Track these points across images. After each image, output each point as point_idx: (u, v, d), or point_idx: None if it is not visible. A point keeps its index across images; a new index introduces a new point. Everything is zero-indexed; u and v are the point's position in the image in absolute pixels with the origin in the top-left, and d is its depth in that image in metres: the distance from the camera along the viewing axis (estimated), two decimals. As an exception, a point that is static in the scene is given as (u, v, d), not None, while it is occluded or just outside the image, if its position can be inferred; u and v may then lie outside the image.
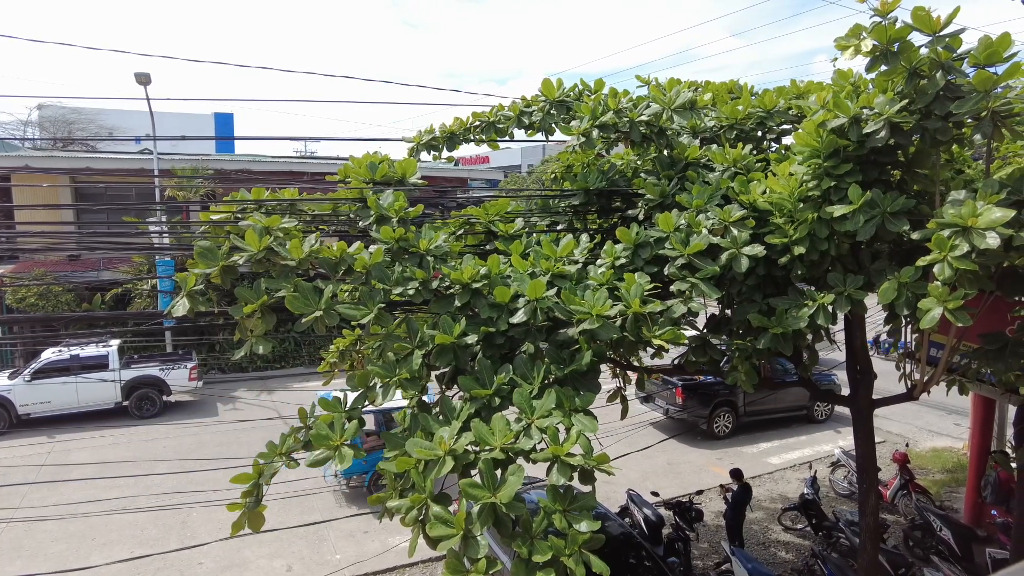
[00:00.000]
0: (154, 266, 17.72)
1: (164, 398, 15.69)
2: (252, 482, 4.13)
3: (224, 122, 42.49)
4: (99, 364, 14.91)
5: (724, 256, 4.56)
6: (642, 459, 11.38)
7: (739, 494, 8.82)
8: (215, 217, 4.66)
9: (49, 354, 14.96)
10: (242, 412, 15.16)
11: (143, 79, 17.52)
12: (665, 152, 5.99)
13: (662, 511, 8.81)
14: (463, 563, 3.30)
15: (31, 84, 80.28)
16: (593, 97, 5.81)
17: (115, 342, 15.52)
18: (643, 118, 5.51)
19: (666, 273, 4.59)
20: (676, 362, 5.95)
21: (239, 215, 4.68)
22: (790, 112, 6.26)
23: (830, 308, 4.44)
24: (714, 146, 5.96)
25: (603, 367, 4.86)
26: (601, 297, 3.98)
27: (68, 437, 14.03)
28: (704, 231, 4.65)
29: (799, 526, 9.77)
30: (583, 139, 5.26)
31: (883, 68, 4.24)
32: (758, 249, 4.53)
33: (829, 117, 4.58)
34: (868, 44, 4.24)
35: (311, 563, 8.72)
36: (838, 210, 4.33)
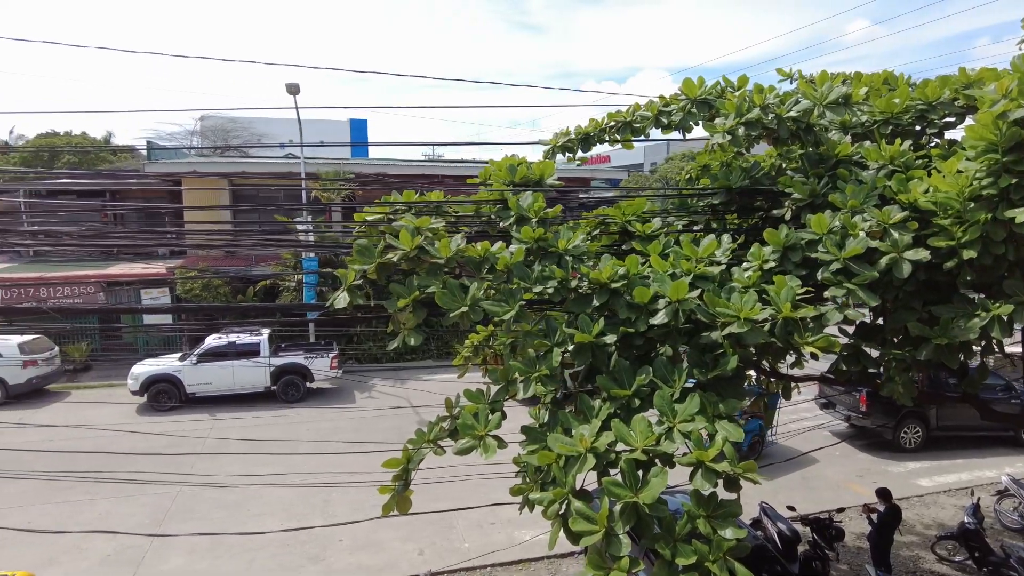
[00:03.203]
0: (300, 262, 19.20)
1: (307, 384, 16.99)
2: (401, 467, 4.39)
3: (358, 127, 45.05)
4: (252, 351, 16.42)
5: (883, 260, 4.26)
6: (774, 471, 10.87)
7: (886, 516, 8.18)
8: (370, 218, 4.99)
9: (211, 340, 16.66)
10: (376, 400, 16.07)
11: (293, 89, 18.98)
12: (812, 149, 5.69)
13: (798, 527, 8.36)
14: (605, 560, 3.33)
15: (195, 97, 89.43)
16: (737, 94, 5.62)
17: (266, 331, 16.99)
18: (792, 114, 5.27)
19: (819, 278, 4.37)
20: (825, 373, 5.63)
21: (391, 216, 4.99)
22: (956, 103, 5.72)
23: (1006, 319, 4.04)
24: (867, 142, 5.58)
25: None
26: (750, 300, 3.86)
27: (226, 415, 15.55)
28: (861, 234, 4.38)
29: (957, 558, 8.89)
30: (728, 137, 5.11)
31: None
32: (923, 254, 4.20)
33: (1011, 107, 4.15)
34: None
35: (441, 549, 9.11)
36: (1020, 214, 3.91)
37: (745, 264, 4.62)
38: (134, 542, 9.09)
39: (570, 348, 4.24)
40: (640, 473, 3.53)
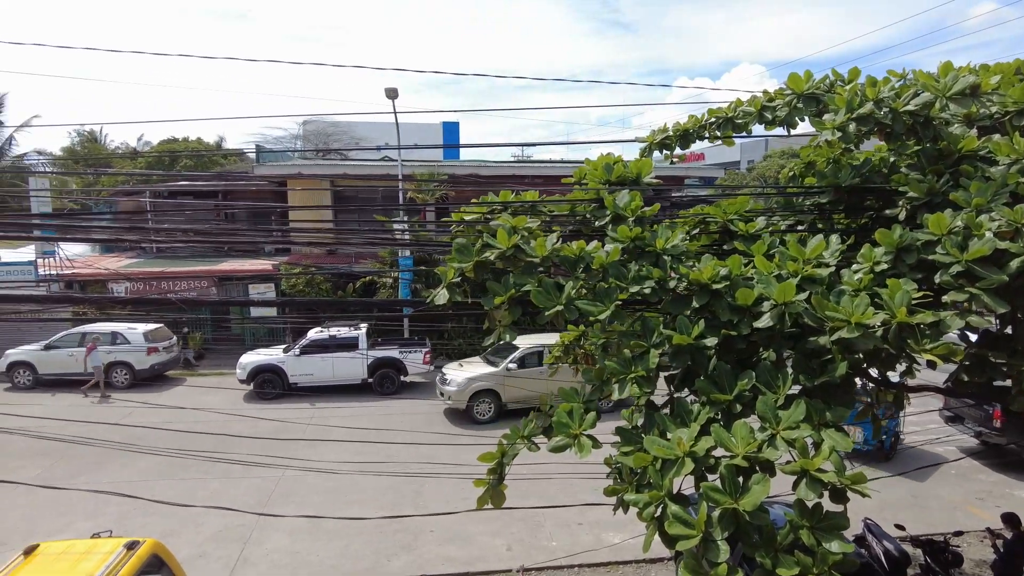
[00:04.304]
0: (396, 260, 19.88)
1: (402, 378, 17.60)
2: (496, 461, 4.47)
3: (450, 130, 46.05)
4: (351, 344, 17.20)
5: (1014, 263, 3.93)
6: (880, 485, 10.23)
7: (1014, 544, 7.52)
8: (468, 217, 5.11)
9: (313, 333, 17.58)
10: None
11: (391, 93, 19.66)
12: (930, 144, 5.32)
13: (908, 548, 7.84)
14: (702, 565, 3.27)
15: (299, 102, 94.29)
16: (848, 88, 5.34)
17: (364, 326, 17.73)
18: (909, 108, 4.95)
19: (937, 281, 4.09)
20: (947, 383, 5.26)
21: (488, 215, 5.09)
22: None
23: None
24: (996, 136, 5.16)
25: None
26: (862, 304, 3.66)
27: (325, 405, 16.35)
28: (988, 234, 4.05)
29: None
30: (838, 133, 4.87)
31: None
32: (1062, 256, 3.84)
33: None
34: None
35: (529, 546, 9.20)
36: None
37: (855, 266, 4.39)
38: (242, 520, 9.72)
39: (667, 350, 4.18)
40: (740, 480, 3.44)
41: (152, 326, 19.07)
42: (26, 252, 23.00)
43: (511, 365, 15.36)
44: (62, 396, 17.38)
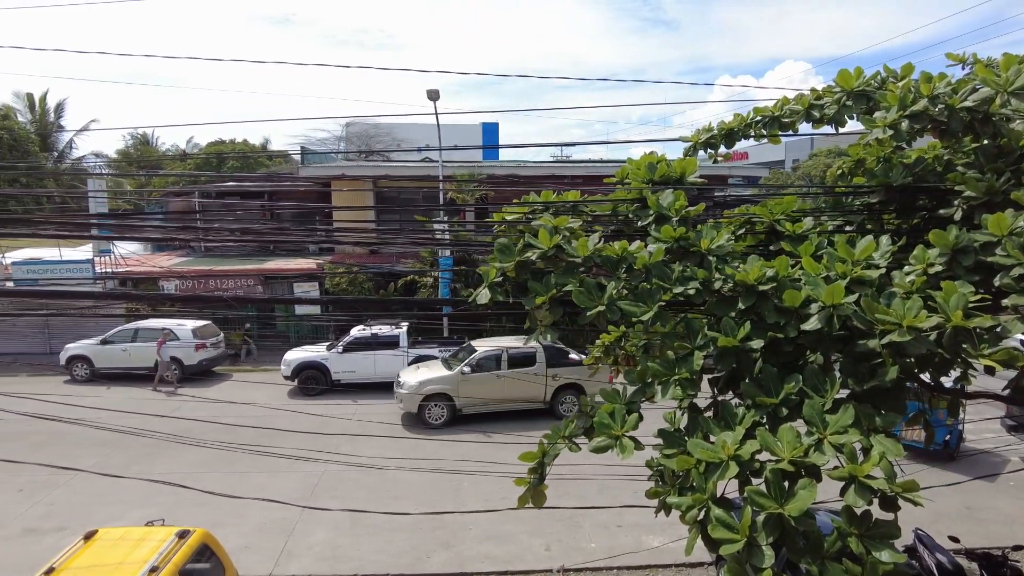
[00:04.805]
0: (436, 260, 20.07)
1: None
2: (536, 460, 4.48)
3: (490, 131, 46.23)
4: (392, 342, 17.46)
5: (1082, 265, 3.76)
6: (934, 495, 9.89)
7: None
8: (509, 217, 5.14)
9: (356, 331, 17.89)
10: (503, 396, 16.46)
11: (433, 95, 19.85)
12: (989, 142, 5.12)
13: (962, 561, 7.56)
14: (746, 570, 3.23)
15: (342, 104, 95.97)
16: (901, 84, 5.19)
17: (405, 324, 17.97)
18: (967, 104, 4.78)
19: (996, 284, 3.94)
20: (1006, 390, 5.06)
21: (530, 216, 5.10)
22: None
23: None
24: (1062, 132, 4.93)
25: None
26: (914, 307, 3.56)
27: (367, 402, 16.61)
28: (1053, 234, 3.89)
29: None
30: (890, 131, 4.73)
31: None
32: None
33: None
34: None
35: (568, 547, 9.19)
36: None
37: (907, 268, 4.26)
38: (286, 513, 9.95)
39: (712, 352, 4.12)
40: (786, 484, 3.37)
41: (200, 323, 19.67)
42: (84, 251, 23.99)
43: (465, 369, 15.09)
44: (117, 389, 18.05)
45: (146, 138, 50.50)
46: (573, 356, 15.95)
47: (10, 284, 20.03)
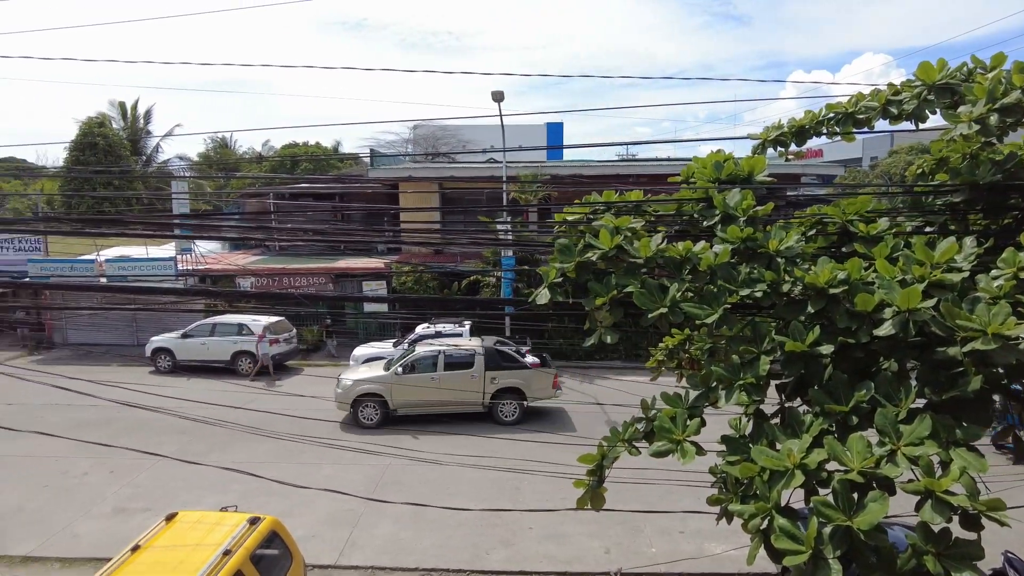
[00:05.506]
0: (499, 260, 20.23)
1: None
2: (596, 463, 4.46)
3: (554, 131, 46.15)
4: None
5: None
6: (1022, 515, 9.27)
7: None
8: (570, 218, 5.12)
9: (421, 329, 18.24)
10: (564, 396, 16.43)
11: (497, 96, 19.99)
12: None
13: (1055, 585, 7.05)
14: (811, 584, 3.11)
15: (410, 107, 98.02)
16: (991, 76, 4.88)
17: (468, 323, 18.19)
18: (1065, 95, 4.45)
19: (1096, 289, 3.66)
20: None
21: (591, 216, 5.08)
22: None
23: None
24: None
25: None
26: (1001, 312, 3.34)
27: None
28: None
29: None
30: (976, 126, 4.46)
31: None
32: None
33: None
34: None
35: (627, 551, 9.09)
36: None
37: (994, 271, 4.00)
38: (351, 505, 10.24)
39: (779, 357, 4.00)
40: (855, 496, 3.24)
41: (274, 319, 20.48)
42: (167, 249, 25.40)
43: (399, 370, 14.85)
44: (196, 381, 19.01)
45: (225, 141, 52.93)
46: (532, 359, 15.64)
47: (103, 280, 21.44)
